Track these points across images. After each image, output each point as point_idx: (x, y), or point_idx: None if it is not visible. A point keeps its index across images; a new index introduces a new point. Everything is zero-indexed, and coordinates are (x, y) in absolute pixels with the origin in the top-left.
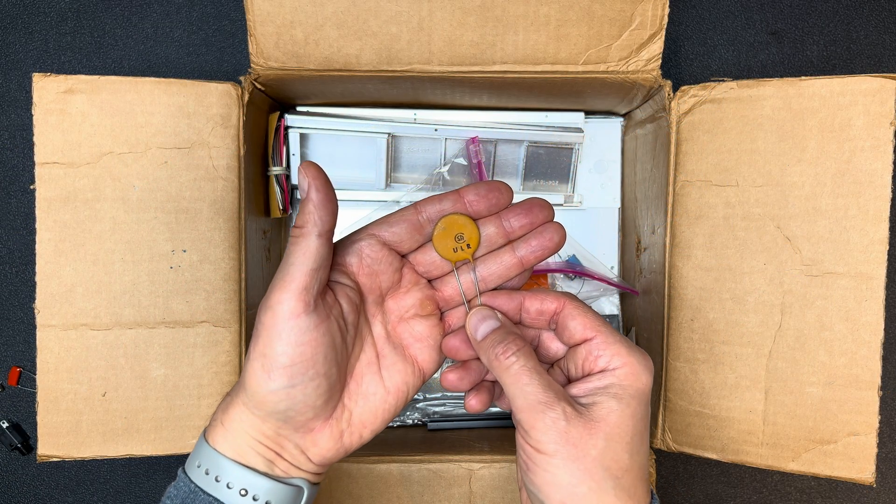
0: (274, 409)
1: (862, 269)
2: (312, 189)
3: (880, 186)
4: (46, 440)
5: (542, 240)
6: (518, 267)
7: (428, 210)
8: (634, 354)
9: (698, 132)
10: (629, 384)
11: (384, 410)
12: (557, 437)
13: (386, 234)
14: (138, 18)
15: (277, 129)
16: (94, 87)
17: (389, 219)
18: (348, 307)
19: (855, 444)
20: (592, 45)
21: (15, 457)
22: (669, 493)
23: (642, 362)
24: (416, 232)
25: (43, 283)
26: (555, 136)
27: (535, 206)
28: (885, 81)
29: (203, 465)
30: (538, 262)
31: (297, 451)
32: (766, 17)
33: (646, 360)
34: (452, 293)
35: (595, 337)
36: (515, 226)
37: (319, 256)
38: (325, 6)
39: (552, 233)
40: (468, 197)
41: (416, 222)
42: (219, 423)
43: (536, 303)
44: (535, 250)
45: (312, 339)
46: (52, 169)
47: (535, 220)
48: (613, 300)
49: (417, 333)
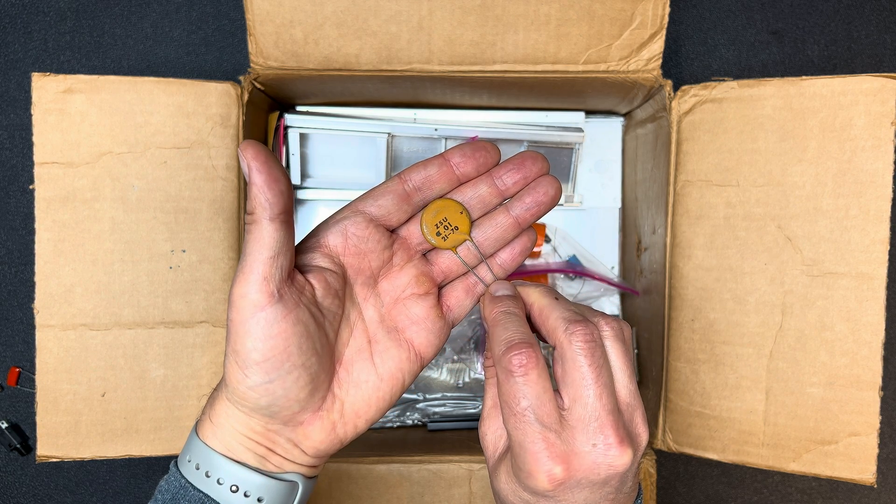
0: (256, 405)
1: (863, 270)
2: (254, 171)
3: (881, 186)
4: (45, 440)
5: (536, 195)
6: (515, 227)
7: (413, 178)
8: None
9: (699, 132)
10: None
11: (378, 399)
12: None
13: (372, 209)
14: (137, 18)
15: (277, 129)
16: (94, 86)
17: (374, 192)
18: (323, 291)
19: (856, 445)
20: (593, 44)
21: (14, 457)
22: (670, 494)
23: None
24: (403, 203)
25: (42, 284)
26: (555, 136)
27: (528, 160)
28: (885, 81)
29: (194, 459)
30: (535, 220)
31: (289, 444)
32: (766, 17)
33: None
34: (450, 264)
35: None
36: (508, 182)
37: (275, 242)
38: (324, 5)
39: (546, 186)
40: (454, 159)
41: (402, 192)
42: (207, 419)
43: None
44: (530, 207)
45: (282, 331)
46: (52, 169)
47: (529, 174)
48: (614, 300)
49: (414, 315)
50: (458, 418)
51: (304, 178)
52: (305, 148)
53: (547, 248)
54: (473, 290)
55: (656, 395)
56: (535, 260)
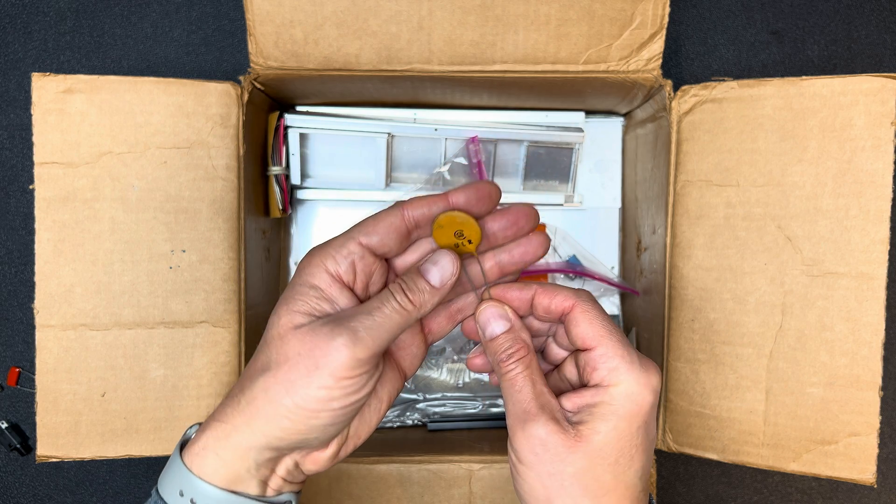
0: (292, 442)
1: (863, 270)
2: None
3: (881, 186)
4: (45, 441)
5: (523, 250)
6: (496, 273)
7: (415, 214)
8: (634, 372)
9: (699, 132)
10: (620, 405)
11: (376, 419)
12: (535, 448)
13: (374, 243)
14: (137, 18)
15: (277, 129)
16: (94, 86)
17: (376, 227)
18: None
19: (856, 445)
20: (593, 44)
21: (14, 457)
22: (669, 494)
23: (641, 380)
24: (404, 240)
25: (42, 284)
26: (555, 136)
27: (522, 216)
28: (886, 81)
29: (187, 493)
30: (516, 271)
31: (292, 466)
32: (766, 17)
33: (648, 377)
34: None
35: (596, 347)
36: (500, 234)
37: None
38: (324, 5)
39: (536, 246)
40: (457, 201)
41: (403, 229)
42: (210, 452)
43: (546, 300)
44: (516, 259)
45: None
46: (51, 169)
47: (521, 230)
48: (614, 300)
49: (401, 342)
50: (458, 418)
51: (304, 178)
52: (305, 148)
53: None
54: (455, 318)
55: None
56: None
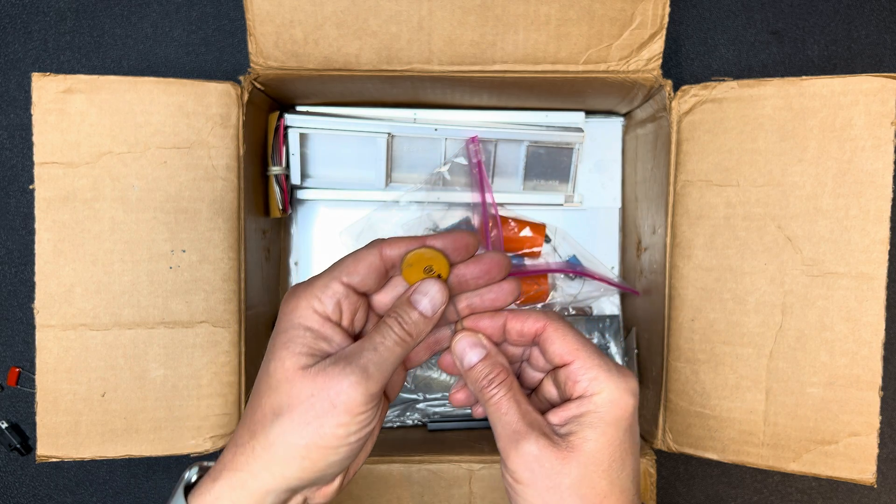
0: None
1: (863, 270)
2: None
3: (881, 186)
4: (45, 441)
5: (494, 297)
6: (466, 311)
7: (392, 254)
8: (613, 379)
9: (699, 132)
10: (606, 411)
11: (371, 444)
12: (530, 466)
13: (356, 282)
14: (137, 18)
15: (277, 129)
16: (94, 86)
17: (357, 266)
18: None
19: (856, 445)
20: (593, 44)
21: (14, 457)
22: (669, 494)
23: (622, 386)
24: (382, 278)
25: (42, 283)
26: (555, 136)
27: (495, 266)
28: (886, 81)
29: None
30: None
31: (301, 502)
32: (766, 17)
33: (626, 382)
34: None
35: (573, 361)
36: (472, 282)
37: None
38: (324, 5)
39: (507, 293)
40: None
41: (382, 268)
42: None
43: (517, 324)
44: (486, 305)
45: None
46: (51, 169)
47: (493, 279)
48: (614, 300)
49: None
50: (458, 418)
51: (304, 178)
52: (305, 148)
53: (547, 247)
54: (433, 348)
55: (656, 395)
56: (536, 260)
